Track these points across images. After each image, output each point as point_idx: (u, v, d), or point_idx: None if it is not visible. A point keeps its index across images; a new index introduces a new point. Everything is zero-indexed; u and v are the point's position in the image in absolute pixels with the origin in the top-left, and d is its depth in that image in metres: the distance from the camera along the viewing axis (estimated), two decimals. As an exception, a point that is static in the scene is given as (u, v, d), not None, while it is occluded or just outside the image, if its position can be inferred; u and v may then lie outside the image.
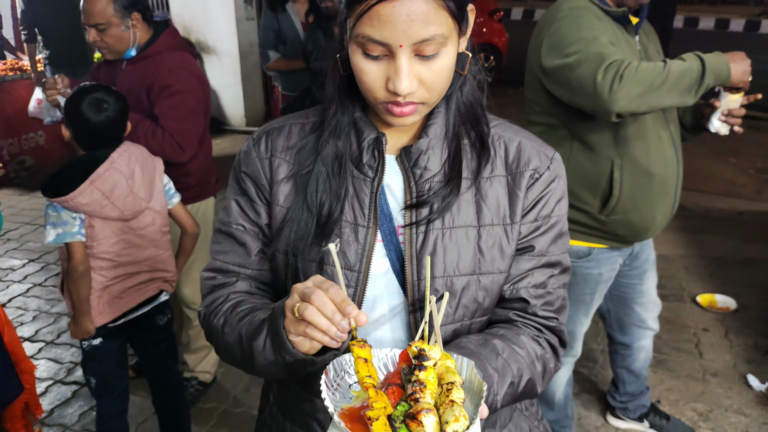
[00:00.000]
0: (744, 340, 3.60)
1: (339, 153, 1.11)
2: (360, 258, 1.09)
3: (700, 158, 6.80)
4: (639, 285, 2.50)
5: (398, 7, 0.92)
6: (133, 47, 2.67)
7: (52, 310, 3.94)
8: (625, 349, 2.66)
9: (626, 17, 2.10)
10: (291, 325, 0.93)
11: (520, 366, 1.07)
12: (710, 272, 4.37)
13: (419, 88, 0.99)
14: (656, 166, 2.14)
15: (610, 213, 2.17)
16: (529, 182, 1.13)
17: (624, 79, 1.87)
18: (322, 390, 0.86)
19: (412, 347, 0.90)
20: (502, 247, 1.11)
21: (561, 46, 2.02)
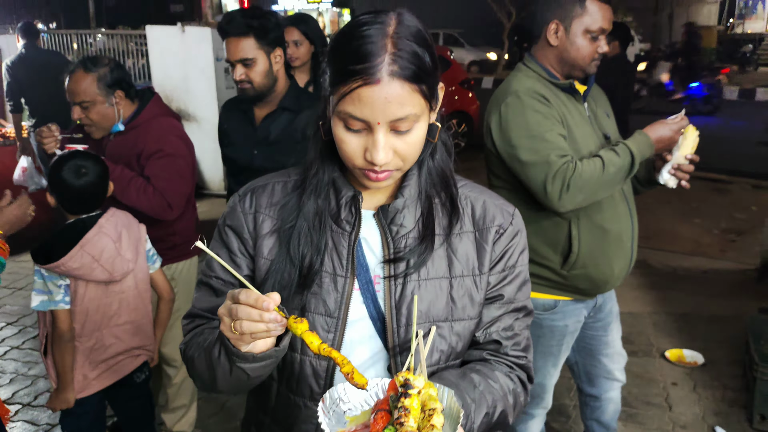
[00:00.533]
0: (712, 393, 3.71)
1: (319, 209, 1.22)
2: (339, 305, 1.20)
3: (666, 219, 7.03)
4: (604, 336, 2.60)
5: (377, 91, 1.05)
6: (118, 122, 2.77)
7: (29, 372, 3.94)
8: (594, 400, 2.75)
9: (573, 88, 2.29)
10: (237, 342, 1.04)
11: (495, 398, 1.19)
12: (678, 328, 4.50)
13: (394, 158, 1.12)
14: (610, 222, 2.29)
15: (570, 268, 2.30)
16: (494, 237, 1.26)
17: (570, 188, 2.09)
18: (319, 415, 0.98)
19: (399, 377, 1.02)
20: (472, 296, 1.24)
21: (510, 136, 2.20)
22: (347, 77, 1.07)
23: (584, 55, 2.25)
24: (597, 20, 2.22)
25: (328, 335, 1.20)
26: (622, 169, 2.15)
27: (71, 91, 2.68)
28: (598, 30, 2.22)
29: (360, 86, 1.06)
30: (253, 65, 2.61)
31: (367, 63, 1.05)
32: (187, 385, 3.14)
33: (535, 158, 2.14)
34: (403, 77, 1.06)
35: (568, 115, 2.26)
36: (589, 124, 2.33)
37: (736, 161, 9.44)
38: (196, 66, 7.55)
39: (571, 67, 2.29)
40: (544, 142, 2.14)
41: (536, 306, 2.39)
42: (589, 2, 2.21)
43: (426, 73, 1.10)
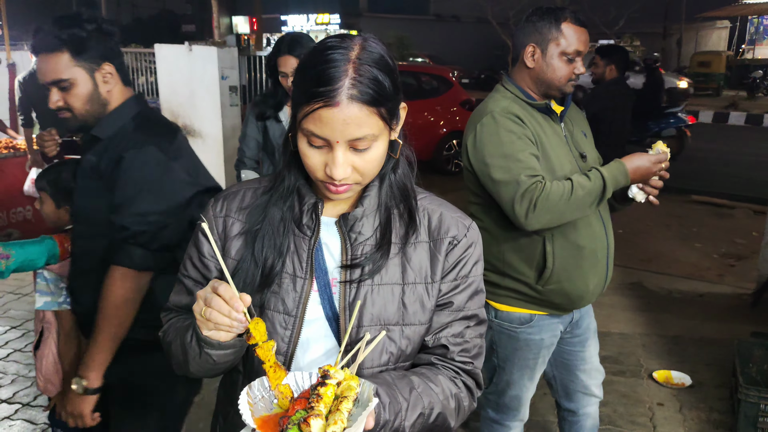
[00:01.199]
0: (698, 414, 3.75)
1: (284, 215, 1.32)
2: (297, 305, 1.29)
3: (665, 242, 7.08)
4: (581, 352, 2.65)
5: (337, 113, 1.14)
6: None
7: (30, 374, 4.03)
8: (572, 415, 2.78)
9: (549, 108, 2.38)
10: (202, 325, 1.16)
11: (432, 400, 1.25)
12: (668, 350, 4.54)
13: (353, 173, 1.21)
14: (584, 239, 2.36)
15: (545, 283, 2.36)
16: (448, 248, 1.34)
17: (537, 208, 2.16)
18: (240, 400, 1.10)
19: (321, 369, 1.12)
20: (423, 302, 1.32)
21: (484, 154, 2.28)
22: (310, 98, 1.15)
23: (560, 76, 2.33)
24: (572, 43, 2.30)
25: (285, 332, 1.28)
26: (592, 193, 2.21)
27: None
28: (574, 52, 2.31)
29: (321, 107, 1.14)
30: (70, 88, 2.06)
31: (328, 86, 1.13)
32: (178, 393, 3.20)
33: (506, 177, 2.22)
34: (361, 101, 1.14)
35: (543, 135, 2.33)
36: (565, 144, 2.41)
37: (738, 186, 9.50)
38: (202, 84, 7.71)
39: (547, 87, 2.37)
40: (515, 162, 2.21)
41: (512, 320, 2.46)
42: (564, 26, 2.30)
43: (385, 97, 1.18)
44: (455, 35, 38.88)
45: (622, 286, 5.73)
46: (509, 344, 2.50)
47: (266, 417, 1.09)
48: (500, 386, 2.60)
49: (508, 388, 2.58)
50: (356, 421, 1.05)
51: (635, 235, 7.26)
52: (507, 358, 2.53)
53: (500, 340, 2.51)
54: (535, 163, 2.24)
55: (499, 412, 2.65)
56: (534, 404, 2.87)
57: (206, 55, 7.62)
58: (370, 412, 1.08)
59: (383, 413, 1.16)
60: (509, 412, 2.63)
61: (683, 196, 8.83)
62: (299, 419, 1.04)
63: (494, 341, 2.52)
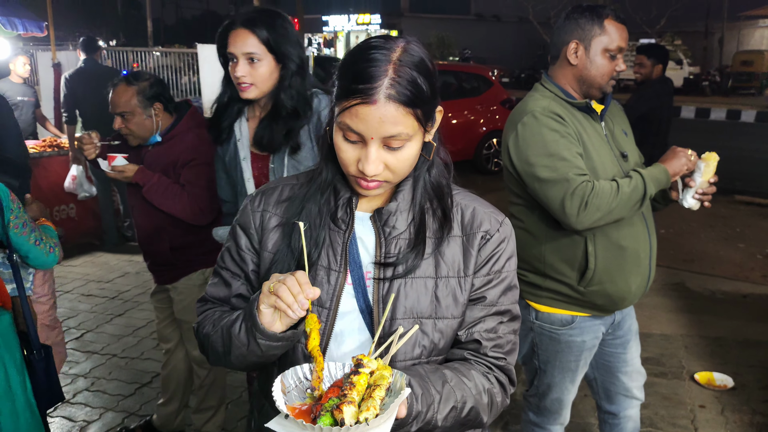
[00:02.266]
0: (740, 417, 3.66)
1: (321, 208, 1.33)
2: (331, 297, 1.30)
3: (709, 243, 6.94)
4: (623, 354, 2.60)
5: (373, 111, 1.16)
6: (156, 133, 2.94)
7: (70, 371, 4.12)
8: (613, 418, 2.74)
9: (590, 107, 2.34)
10: (264, 298, 1.17)
11: (465, 394, 1.25)
12: (710, 352, 4.45)
13: (384, 170, 1.22)
14: (627, 240, 2.32)
15: (587, 284, 2.32)
16: (480, 242, 1.34)
17: (588, 207, 2.14)
18: (274, 387, 1.11)
19: (354, 359, 1.14)
20: (455, 296, 1.32)
21: (527, 154, 2.25)
22: (349, 94, 1.18)
23: (603, 73, 2.30)
24: (615, 39, 2.27)
25: None
26: (636, 192, 2.19)
27: (113, 102, 2.87)
28: (616, 49, 2.28)
29: (358, 104, 1.17)
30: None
31: (367, 84, 1.16)
32: (216, 387, 3.26)
33: (553, 176, 2.19)
34: (398, 101, 1.17)
35: (584, 134, 2.30)
36: (605, 143, 2.37)
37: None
38: (243, 83, 7.78)
39: (589, 86, 2.33)
40: (562, 161, 2.19)
41: (554, 321, 2.42)
42: (607, 22, 2.27)
43: (422, 100, 1.20)
44: (496, 35, 38.69)
45: (664, 286, 5.62)
46: (550, 346, 2.46)
47: (299, 405, 1.11)
48: (541, 389, 2.57)
49: (549, 390, 2.55)
50: (388, 409, 1.05)
51: (678, 236, 7.12)
52: (548, 361, 2.49)
53: (541, 342, 2.48)
54: (581, 162, 2.21)
55: (540, 415, 2.63)
56: (575, 406, 2.84)
57: (247, 55, 7.69)
58: (402, 400, 1.09)
59: (416, 404, 1.16)
60: (550, 416, 2.60)
61: (727, 197, 8.64)
62: (332, 406, 1.06)
63: (535, 343, 2.50)
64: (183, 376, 3.35)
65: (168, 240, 2.97)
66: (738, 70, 26.75)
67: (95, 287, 5.63)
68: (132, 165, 2.87)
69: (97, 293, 5.48)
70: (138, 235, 3.10)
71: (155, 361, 4.20)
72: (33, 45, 11.99)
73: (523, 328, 2.48)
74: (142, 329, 4.73)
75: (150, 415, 3.50)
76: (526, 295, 2.45)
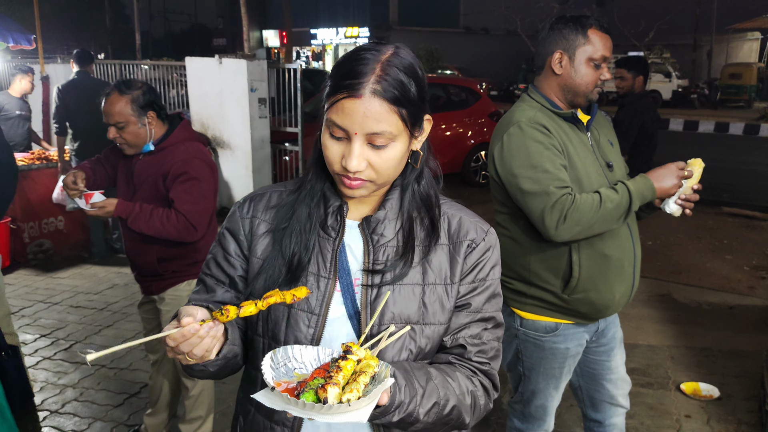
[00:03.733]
0: (726, 426, 3.69)
1: (311, 213, 1.36)
2: (320, 303, 1.33)
3: (696, 255, 6.99)
4: (607, 362, 2.63)
5: (358, 105, 1.20)
6: (149, 142, 2.94)
7: (59, 381, 4.11)
8: (598, 426, 2.76)
9: (575, 118, 2.38)
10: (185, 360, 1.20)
11: (448, 393, 1.28)
12: (696, 362, 4.48)
13: (367, 168, 1.24)
14: (611, 249, 2.35)
15: (571, 292, 2.36)
16: (467, 251, 1.37)
17: (567, 220, 2.17)
18: (263, 362, 1.14)
19: (344, 345, 1.17)
20: (442, 303, 1.35)
21: (511, 165, 2.29)
22: (337, 90, 1.22)
23: (587, 82, 2.34)
24: (599, 49, 2.31)
25: (309, 330, 1.32)
26: (620, 208, 2.21)
27: (107, 112, 2.87)
28: (600, 58, 2.31)
29: (345, 98, 1.20)
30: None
31: (354, 80, 1.20)
32: (204, 398, 3.26)
33: (535, 188, 2.22)
34: (383, 97, 1.20)
35: (570, 144, 2.33)
36: (591, 153, 2.40)
37: (770, 198, 9.37)
38: (231, 96, 7.81)
39: (574, 95, 2.37)
40: (544, 173, 2.22)
41: (538, 328, 2.45)
42: (591, 32, 2.30)
43: (408, 100, 1.23)
44: (484, 48, 38.93)
45: (651, 297, 5.67)
46: (535, 353, 2.49)
47: (286, 382, 1.15)
48: (526, 395, 2.59)
49: (533, 397, 2.58)
50: (371, 394, 1.08)
51: (665, 247, 7.17)
52: (533, 367, 2.52)
53: (526, 348, 2.51)
54: (563, 174, 2.24)
55: (525, 422, 2.65)
56: (560, 416, 2.86)
57: (236, 68, 7.73)
58: (385, 388, 1.12)
59: (398, 394, 1.18)
60: (534, 422, 2.63)
61: (714, 208, 8.72)
62: (317, 385, 1.09)
63: (520, 350, 2.52)
64: (171, 386, 3.35)
65: (155, 251, 2.97)
66: (726, 82, 26.98)
67: (84, 299, 5.61)
68: (110, 199, 2.87)
69: (85, 305, 5.46)
70: (125, 246, 3.10)
71: (143, 372, 4.20)
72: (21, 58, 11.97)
73: (507, 335, 2.51)
74: (130, 340, 4.72)
75: (138, 424, 3.50)
76: (511, 303, 2.48)
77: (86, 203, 2.88)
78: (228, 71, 7.79)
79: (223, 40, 47.03)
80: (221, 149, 8.06)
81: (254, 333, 1.39)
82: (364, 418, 1.07)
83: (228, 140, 8.01)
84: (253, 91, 7.67)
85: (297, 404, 1.06)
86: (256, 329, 1.38)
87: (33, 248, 6.39)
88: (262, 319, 1.36)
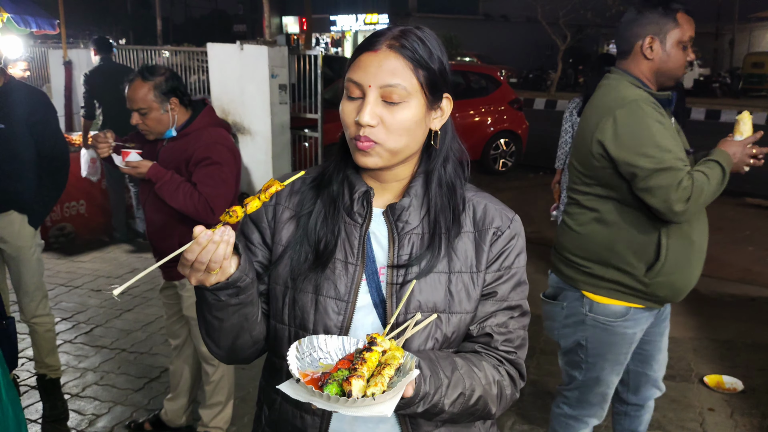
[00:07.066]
0: (749, 420, 3.64)
1: (334, 197, 1.35)
2: (349, 290, 1.31)
3: (717, 246, 6.85)
4: (659, 342, 2.65)
5: (374, 58, 1.23)
6: (172, 128, 2.95)
7: (80, 365, 4.15)
8: (636, 409, 2.76)
9: (671, 101, 2.39)
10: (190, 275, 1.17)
11: (474, 383, 1.26)
12: (719, 355, 4.43)
13: (379, 126, 1.24)
14: (696, 234, 2.38)
15: (655, 276, 2.35)
16: (492, 238, 1.35)
17: (690, 201, 2.19)
18: (289, 352, 1.13)
19: (369, 336, 1.17)
20: (468, 291, 1.33)
21: (633, 144, 2.25)
22: (356, 53, 1.27)
23: (679, 66, 2.37)
24: (687, 31, 2.33)
25: (338, 317, 1.30)
26: (720, 181, 2.25)
27: (130, 98, 2.88)
28: (688, 39, 2.34)
29: (362, 53, 1.25)
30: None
31: (374, 39, 1.26)
32: (224, 384, 3.27)
33: (661, 166, 2.21)
34: (399, 52, 1.23)
35: (670, 132, 2.32)
36: (678, 137, 2.39)
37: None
38: (252, 82, 7.80)
39: (667, 78, 2.39)
40: (669, 152, 2.22)
41: (608, 313, 2.44)
42: (679, 15, 2.33)
43: (424, 64, 1.24)
44: (504, 35, 38.61)
45: (672, 289, 5.60)
46: (604, 338, 2.47)
47: (311, 372, 1.14)
48: (587, 383, 2.58)
49: (596, 385, 2.57)
50: (395, 387, 1.07)
51: (687, 238, 7.08)
52: (599, 354, 2.51)
53: (594, 335, 2.49)
54: (681, 153, 2.26)
55: (579, 408, 2.63)
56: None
57: (257, 54, 7.71)
58: (410, 381, 1.10)
59: (423, 385, 1.17)
60: (591, 408, 2.62)
61: (736, 199, 8.62)
62: (341, 377, 1.08)
63: (586, 337, 2.50)
64: (191, 371, 3.36)
65: (177, 236, 2.97)
66: (749, 71, 26.64)
67: (105, 282, 5.65)
68: (146, 161, 2.87)
69: (106, 288, 5.50)
70: (148, 231, 3.11)
71: (164, 357, 4.22)
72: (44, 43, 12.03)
73: (574, 321, 2.52)
74: (151, 324, 4.75)
75: (158, 409, 3.51)
76: (583, 286, 2.47)
77: (122, 160, 2.88)
78: (249, 57, 7.77)
79: (243, 27, 47.05)
80: (241, 135, 8.07)
81: (279, 321, 1.37)
82: (389, 411, 1.05)
83: (248, 126, 8.01)
84: (274, 77, 7.65)
85: (321, 397, 1.05)
86: (282, 317, 1.35)
87: (54, 232, 6.44)
88: (288, 306, 1.34)
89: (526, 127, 10.90)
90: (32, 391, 3.79)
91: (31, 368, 3.92)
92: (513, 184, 9.92)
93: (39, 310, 3.49)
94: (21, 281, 3.43)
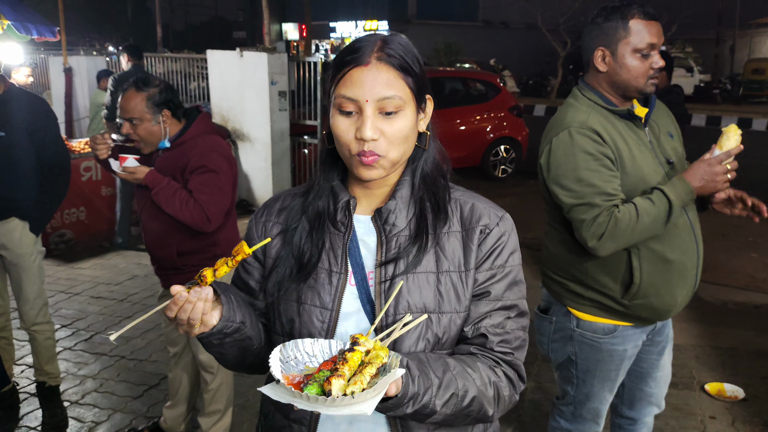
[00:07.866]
0: (751, 428, 3.62)
1: (320, 212, 1.36)
2: (333, 299, 1.32)
3: (721, 253, 6.88)
4: (658, 360, 2.54)
5: (366, 73, 1.23)
6: (165, 139, 2.94)
7: (79, 372, 4.13)
8: (630, 423, 2.69)
9: (631, 114, 2.25)
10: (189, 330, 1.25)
11: (467, 384, 1.24)
12: (722, 362, 4.41)
13: (381, 139, 1.24)
14: (673, 252, 2.23)
15: (632, 298, 2.26)
16: (480, 237, 1.35)
17: (603, 238, 2.12)
18: (272, 355, 1.15)
19: (353, 337, 1.17)
20: (457, 291, 1.32)
21: (557, 174, 2.22)
22: (342, 66, 1.25)
23: (636, 76, 2.20)
24: (644, 38, 2.16)
25: (322, 325, 1.31)
26: (658, 218, 2.12)
27: (122, 107, 2.88)
28: (647, 46, 2.17)
29: (352, 68, 1.24)
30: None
31: (359, 53, 1.24)
32: (222, 391, 3.25)
33: (578, 202, 2.16)
34: (389, 63, 1.24)
35: (624, 146, 2.22)
36: (650, 151, 2.28)
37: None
38: (252, 88, 7.81)
39: (625, 90, 2.25)
40: (589, 187, 2.14)
41: (596, 330, 2.37)
42: (632, 22, 2.17)
43: (411, 71, 1.26)
44: (504, 41, 38.68)
45: (674, 296, 5.57)
46: (591, 355, 2.40)
47: (295, 375, 1.15)
48: (579, 398, 2.51)
49: (587, 400, 2.50)
50: (376, 386, 1.07)
51: (688, 245, 7.04)
52: (588, 370, 2.44)
53: (582, 351, 2.42)
54: (611, 187, 2.15)
55: (574, 423, 2.57)
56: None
57: (257, 61, 7.73)
58: (394, 380, 1.09)
59: (411, 385, 1.15)
60: (585, 423, 2.56)
61: (738, 205, 8.56)
62: (322, 378, 1.09)
63: (575, 352, 2.44)
64: (190, 379, 3.35)
65: (175, 245, 2.96)
66: (749, 78, 26.64)
67: (104, 289, 5.64)
68: (143, 167, 2.87)
69: (106, 295, 5.49)
70: (145, 239, 3.11)
71: (163, 364, 4.21)
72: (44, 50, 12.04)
73: (561, 337, 2.45)
74: (151, 332, 4.73)
75: (158, 417, 3.49)
76: (567, 302, 2.40)
77: (119, 166, 2.88)
78: (249, 64, 7.79)
79: (243, 33, 47.16)
80: (241, 141, 8.07)
81: (274, 332, 1.40)
82: (369, 410, 1.05)
83: (248, 132, 8.02)
84: (274, 84, 7.67)
85: (301, 397, 1.06)
86: (275, 329, 1.38)
87: (54, 238, 6.43)
88: (278, 317, 1.37)
89: (526, 133, 10.90)
90: (32, 399, 3.77)
91: (31, 375, 3.91)
92: (513, 190, 9.90)
93: (39, 317, 3.48)
94: (21, 289, 3.43)
